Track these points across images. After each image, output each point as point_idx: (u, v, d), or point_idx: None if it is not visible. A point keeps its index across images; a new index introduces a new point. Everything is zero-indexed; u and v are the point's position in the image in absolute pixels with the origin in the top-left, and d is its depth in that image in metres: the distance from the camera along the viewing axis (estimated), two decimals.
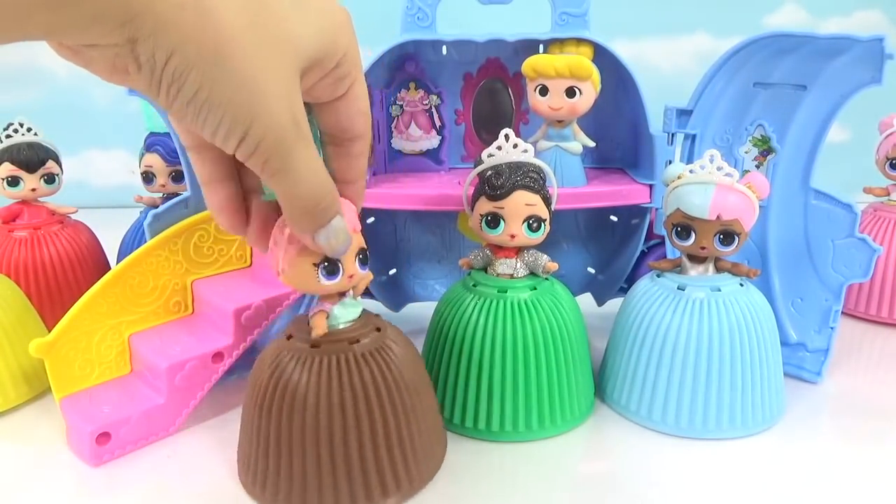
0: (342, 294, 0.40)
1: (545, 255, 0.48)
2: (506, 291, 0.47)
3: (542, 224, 0.47)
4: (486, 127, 0.64)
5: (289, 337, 0.41)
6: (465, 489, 0.43)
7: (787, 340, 0.56)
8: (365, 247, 0.39)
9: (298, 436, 0.38)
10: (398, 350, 0.41)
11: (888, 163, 0.68)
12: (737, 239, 0.46)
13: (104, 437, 0.45)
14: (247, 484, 0.42)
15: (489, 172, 0.46)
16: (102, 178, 1.19)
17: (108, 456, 0.45)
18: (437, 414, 0.45)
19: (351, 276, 0.38)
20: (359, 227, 0.38)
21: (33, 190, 0.61)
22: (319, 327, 0.39)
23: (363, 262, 0.38)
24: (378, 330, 0.41)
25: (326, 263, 0.36)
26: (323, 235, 0.33)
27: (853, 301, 0.69)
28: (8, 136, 0.61)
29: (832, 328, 0.55)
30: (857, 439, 0.48)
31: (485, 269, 0.50)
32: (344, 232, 0.33)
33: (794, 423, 0.50)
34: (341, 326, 0.40)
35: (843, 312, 0.60)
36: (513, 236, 0.46)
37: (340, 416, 0.38)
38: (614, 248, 0.65)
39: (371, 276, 0.44)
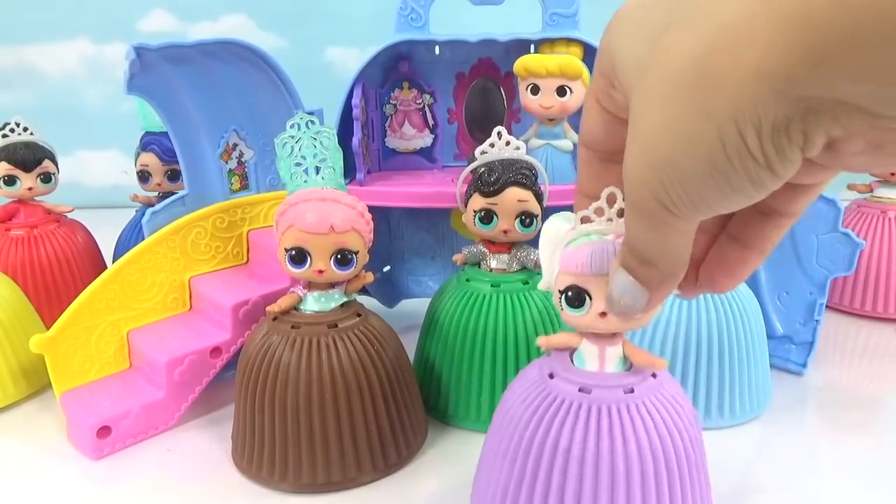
0: (318, 285, 0.43)
1: (537, 251, 0.49)
2: (498, 286, 0.48)
3: (535, 220, 0.48)
4: (479, 125, 0.65)
5: (274, 318, 0.43)
6: (453, 476, 0.44)
7: (774, 333, 0.57)
8: (346, 248, 0.41)
9: (281, 410, 0.41)
10: (376, 334, 0.44)
11: None
12: None
13: (104, 430, 0.46)
14: (237, 461, 0.44)
15: (482, 169, 0.47)
16: (95, 179, 1.19)
17: (108, 449, 0.46)
18: (418, 398, 0.47)
19: (321, 272, 0.41)
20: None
21: (30, 189, 0.62)
22: (278, 305, 0.43)
23: (340, 263, 0.40)
24: (358, 315, 0.44)
25: (294, 252, 0.40)
26: (617, 280, 0.27)
27: (838, 295, 0.70)
28: (4, 136, 0.61)
29: (817, 321, 0.56)
30: (840, 429, 0.50)
31: (478, 265, 0.51)
32: (629, 298, 0.27)
33: (780, 413, 0.51)
34: (309, 312, 0.43)
35: (827, 306, 0.62)
36: (506, 232, 0.47)
37: (319, 393, 0.41)
38: None
39: (371, 277, 0.45)
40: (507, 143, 0.48)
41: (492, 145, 0.48)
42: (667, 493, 0.31)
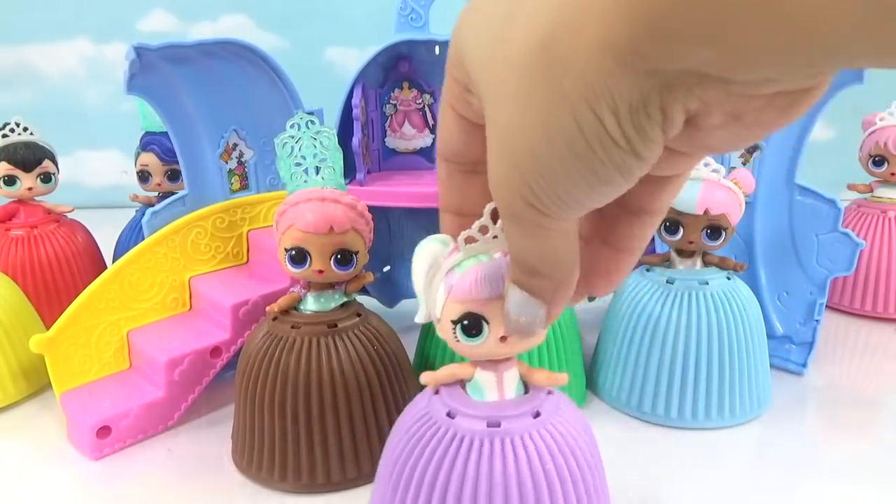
0: (318, 285, 0.43)
1: None
2: None
3: None
4: None
5: (274, 318, 0.43)
6: None
7: (774, 333, 0.57)
8: (346, 248, 0.41)
9: (280, 410, 0.41)
10: (376, 333, 0.44)
11: (871, 160, 0.69)
12: (724, 233, 0.47)
13: (104, 430, 0.46)
14: (237, 461, 0.44)
15: None
16: (95, 179, 1.19)
17: (108, 449, 0.46)
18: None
19: (321, 272, 0.41)
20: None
21: (30, 189, 0.62)
22: (278, 304, 0.43)
23: (340, 263, 0.40)
24: (358, 315, 0.44)
25: (294, 252, 0.40)
26: (512, 298, 0.26)
27: (838, 294, 0.70)
28: (4, 136, 0.61)
29: (817, 321, 0.56)
30: (840, 429, 0.50)
31: None
32: (528, 315, 0.26)
33: (780, 413, 0.51)
34: (309, 312, 0.43)
35: (827, 306, 0.62)
36: None
37: (318, 393, 0.41)
38: None
39: (371, 277, 0.45)
40: None
41: None
42: None
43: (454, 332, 0.28)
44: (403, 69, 0.62)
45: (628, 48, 0.17)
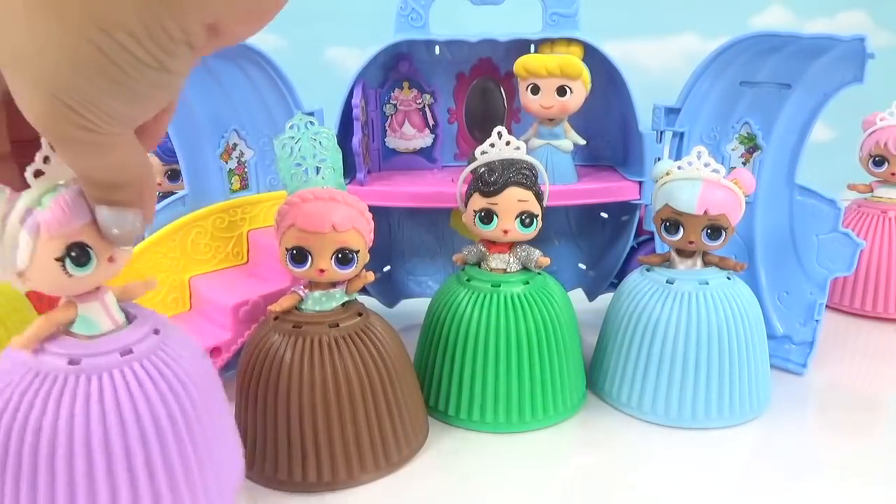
0: (319, 285, 0.43)
1: (537, 251, 0.49)
2: (499, 286, 0.48)
3: (535, 220, 0.48)
4: (479, 125, 0.65)
5: (275, 318, 0.43)
6: (454, 476, 0.44)
7: (774, 333, 0.57)
8: (347, 248, 0.40)
9: (283, 410, 0.41)
10: (377, 333, 0.44)
11: (871, 160, 0.69)
12: (724, 233, 0.47)
13: None
14: None
15: (482, 169, 0.47)
16: None
17: None
18: (419, 397, 0.47)
19: (322, 271, 0.41)
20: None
21: None
22: (279, 304, 0.42)
23: (341, 262, 0.40)
24: (359, 315, 0.44)
25: (295, 252, 0.40)
26: (104, 217, 0.26)
27: (838, 295, 0.70)
28: None
29: (817, 321, 0.56)
30: (840, 429, 0.50)
31: (478, 265, 0.51)
32: (128, 226, 0.26)
33: (780, 413, 0.51)
34: (310, 312, 0.43)
35: (827, 306, 0.62)
36: (506, 232, 0.47)
37: (321, 393, 0.41)
38: (605, 244, 0.66)
39: (372, 277, 0.45)
40: (507, 143, 0.48)
41: (492, 145, 0.48)
42: (156, 467, 0.30)
43: (64, 268, 0.27)
44: (403, 69, 0.62)
45: None
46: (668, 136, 0.58)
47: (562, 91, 0.55)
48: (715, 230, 0.47)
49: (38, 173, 0.26)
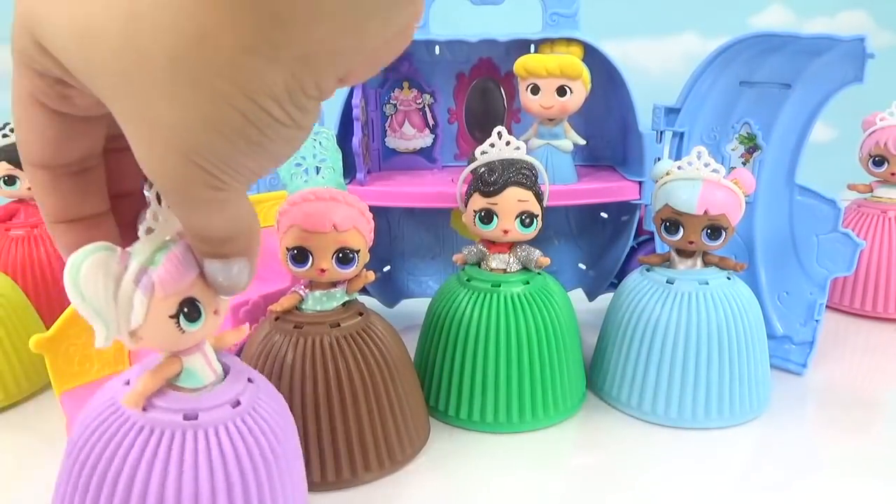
0: (320, 285, 0.43)
1: (537, 251, 0.49)
2: (499, 286, 0.48)
3: (535, 220, 0.48)
4: (479, 125, 0.65)
5: (276, 318, 0.43)
6: (455, 476, 0.44)
7: (774, 333, 0.57)
8: (348, 247, 0.40)
9: None
10: (378, 333, 0.44)
11: (871, 160, 0.69)
12: (724, 233, 0.48)
13: None
14: None
15: (482, 169, 0.47)
16: None
17: None
18: (420, 397, 0.47)
19: (323, 271, 0.41)
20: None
21: (30, 189, 0.61)
22: (280, 304, 0.42)
23: (341, 262, 0.41)
24: (360, 315, 0.44)
25: (295, 251, 0.39)
26: (214, 270, 0.26)
27: (838, 295, 0.70)
28: (4, 136, 0.61)
29: (817, 321, 0.56)
30: (840, 429, 0.50)
31: (478, 265, 0.51)
32: (236, 278, 0.26)
33: (780, 413, 0.51)
34: (311, 312, 0.43)
35: (827, 306, 0.62)
36: (506, 232, 0.47)
37: (324, 392, 0.41)
38: (605, 244, 0.66)
39: (372, 276, 0.45)
40: (507, 143, 0.48)
41: (492, 145, 0.48)
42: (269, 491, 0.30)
43: (178, 325, 0.27)
44: (403, 69, 0.62)
45: (267, 41, 0.18)
46: (667, 136, 0.58)
47: (562, 91, 0.55)
48: (715, 230, 0.47)
49: (149, 230, 0.26)
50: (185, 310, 0.27)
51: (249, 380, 0.32)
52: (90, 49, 0.19)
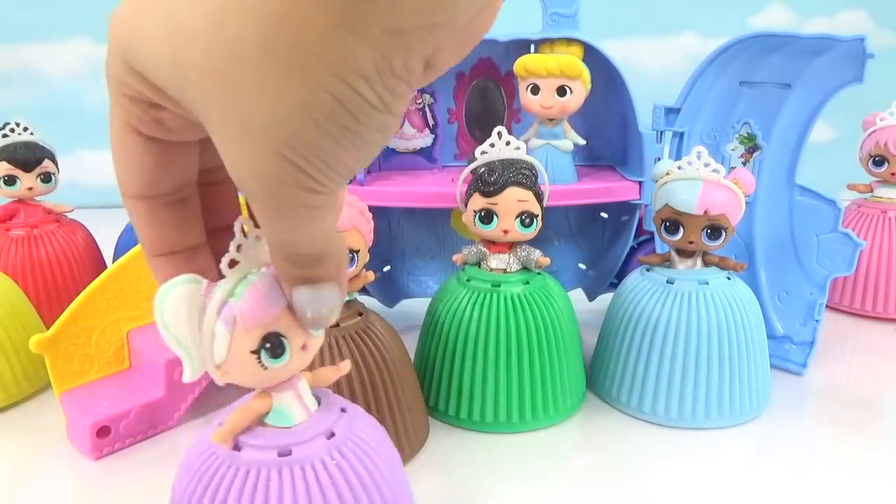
0: None
1: (537, 251, 0.49)
2: (499, 286, 0.48)
3: (535, 220, 0.48)
4: (479, 125, 0.65)
5: None
6: (454, 476, 0.44)
7: (774, 333, 0.57)
8: (348, 247, 0.40)
9: None
10: (378, 333, 0.44)
11: (871, 160, 0.69)
12: (724, 233, 0.48)
13: (104, 430, 0.45)
14: None
15: (482, 169, 0.47)
16: (95, 179, 1.19)
17: (107, 449, 0.46)
18: (419, 397, 0.47)
19: None
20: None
21: (30, 189, 0.62)
22: None
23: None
24: (360, 315, 0.44)
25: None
26: (303, 298, 0.25)
27: (838, 295, 0.70)
28: (4, 136, 0.61)
29: (817, 321, 0.56)
30: (840, 429, 0.50)
31: (478, 265, 0.51)
32: (328, 306, 0.25)
33: (780, 413, 0.51)
34: None
35: (827, 306, 0.62)
36: (506, 232, 0.47)
37: None
38: (605, 244, 0.66)
39: (372, 276, 0.45)
40: (507, 143, 0.48)
41: (492, 145, 0.48)
42: None
43: (260, 362, 0.26)
44: None
45: (355, 16, 0.17)
46: (667, 136, 0.58)
47: (562, 91, 0.55)
48: (715, 230, 0.47)
49: (232, 263, 0.25)
50: (268, 345, 0.26)
51: (342, 409, 0.30)
52: (181, 51, 0.19)
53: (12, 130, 0.61)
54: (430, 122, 0.63)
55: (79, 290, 0.49)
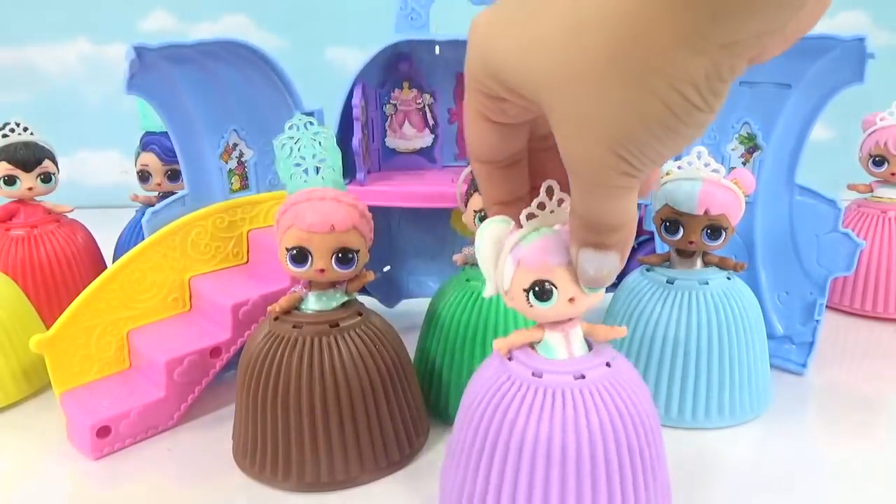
0: (319, 285, 0.43)
1: None
2: None
3: None
4: None
5: (276, 318, 0.43)
6: None
7: (774, 333, 0.57)
8: (347, 247, 0.40)
9: (283, 409, 0.41)
10: (378, 333, 0.44)
11: (871, 160, 0.69)
12: (724, 233, 0.47)
13: (104, 430, 0.46)
14: (239, 461, 0.44)
15: None
16: (95, 179, 1.19)
17: (108, 449, 0.46)
18: (420, 397, 0.47)
19: (322, 271, 0.41)
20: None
21: (30, 189, 0.62)
22: (279, 304, 0.43)
23: (341, 262, 0.40)
24: (359, 315, 0.44)
25: (295, 252, 0.40)
26: (587, 259, 0.29)
27: (838, 295, 0.70)
28: (4, 136, 0.61)
29: (817, 321, 0.56)
30: (840, 429, 0.50)
31: (478, 265, 0.50)
32: (608, 269, 0.29)
33: (780, 413, 0.51)
34: (310, 312, 0.43)
35: (827, 306, 0.62)
36: None
37: (321, 392, 0.41)
38: None
39: (372, 276, 0.45)
40: None
41: None
42: (618, 479, 0.32)
43: (527, 299, 0.31)
44: (403, 69, 0.62)
45: (698, 36, 0.19)
46: None
47: None
48: (715, 230, 0.47)
49: (530, 216, 0.31)
50: (536, 288, 0.30)
51: (607, 364, 0.34)
52: (536, 60, 0.23)
53: (12, 130, 0.62)
54: (430, 122, 0.63)
55: (79, 290, 0.49)
